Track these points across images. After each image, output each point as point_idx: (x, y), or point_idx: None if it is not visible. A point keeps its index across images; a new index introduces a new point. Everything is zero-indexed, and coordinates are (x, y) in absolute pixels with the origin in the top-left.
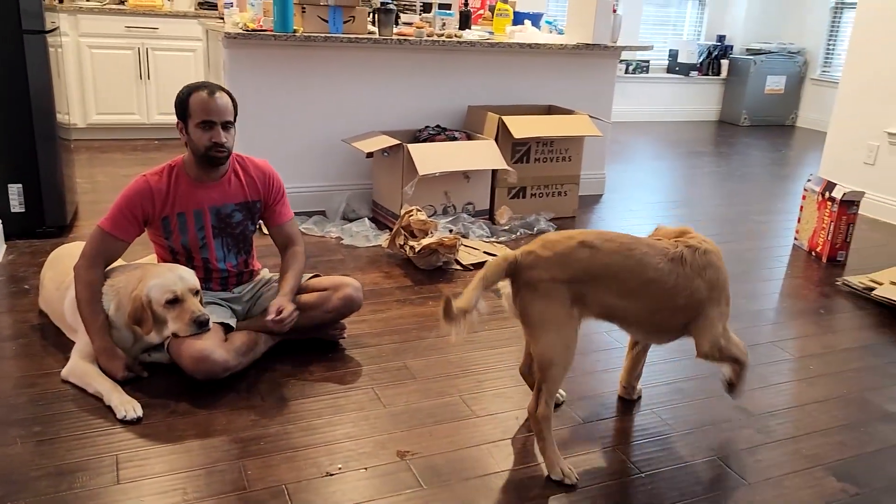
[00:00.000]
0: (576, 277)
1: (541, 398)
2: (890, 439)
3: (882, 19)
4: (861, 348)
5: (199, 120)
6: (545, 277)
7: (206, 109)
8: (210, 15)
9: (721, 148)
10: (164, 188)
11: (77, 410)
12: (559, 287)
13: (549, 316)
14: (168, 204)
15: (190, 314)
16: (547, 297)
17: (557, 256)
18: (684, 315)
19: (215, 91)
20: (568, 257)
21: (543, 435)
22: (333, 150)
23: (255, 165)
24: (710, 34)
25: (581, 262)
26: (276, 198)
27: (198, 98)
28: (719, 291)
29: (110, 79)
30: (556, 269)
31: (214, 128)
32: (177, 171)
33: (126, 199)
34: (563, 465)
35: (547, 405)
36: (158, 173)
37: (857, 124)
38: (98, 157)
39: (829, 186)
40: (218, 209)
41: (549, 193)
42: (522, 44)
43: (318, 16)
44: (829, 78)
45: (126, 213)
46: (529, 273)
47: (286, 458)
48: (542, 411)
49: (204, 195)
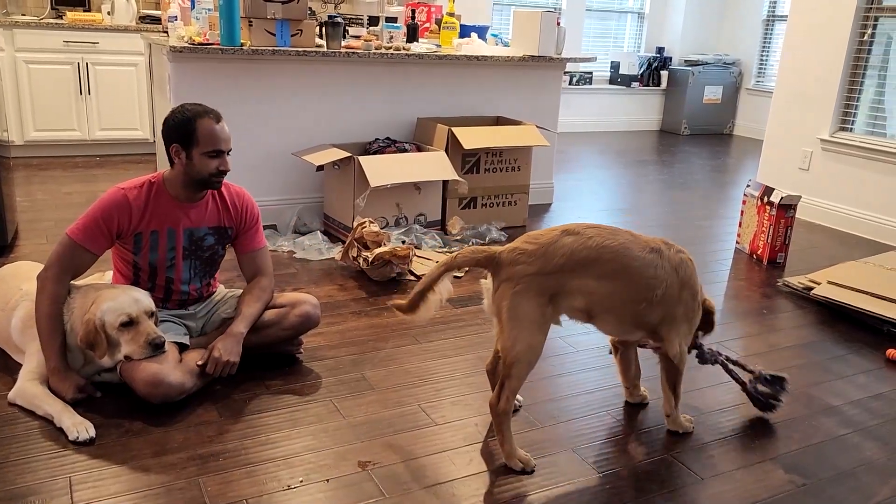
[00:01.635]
0: (560, 266)
1: (503, 394)
2: (833, 431)
3: (811, 31)
4: (802, 346)
5: (209, 149)
6: (530, 272)
7: (216, 139)
8: (153, 29)
9: (664, 156)
10: (142, 204)
11: (26, 433)
12: (540, 282)
13: (522, 314)
14: (144, 220)
15: (145, 337)
16: (524, 294)
17: (542, 248)
18: (660, 310)
19: (220, 118)
20: (553, 246)
21: (502, 429)
22: (283, 164)
23: (232, 191)
24: (649, 46)
25: (565, 248)
26: (250, 224)
27: (207, 126)
28: (689, 293)
29: (49, 94)
30: (541, 261)
31: (222, 156)
32: (157, 188)
33: (101, 210)
34: (519, 455)
35: (507, 401)
36: (137, 187)
37: (791, 132)
38: (37, 174)
39: (768, 191)
40: (192, 231)
41: (500, 203)
42: (470, 56)
43: (266, 29)
44: (762, 88)
45: (101, 224)
46: (512, 269)
47: (246, 473)
48: (502, 406)
49: (181, 215)
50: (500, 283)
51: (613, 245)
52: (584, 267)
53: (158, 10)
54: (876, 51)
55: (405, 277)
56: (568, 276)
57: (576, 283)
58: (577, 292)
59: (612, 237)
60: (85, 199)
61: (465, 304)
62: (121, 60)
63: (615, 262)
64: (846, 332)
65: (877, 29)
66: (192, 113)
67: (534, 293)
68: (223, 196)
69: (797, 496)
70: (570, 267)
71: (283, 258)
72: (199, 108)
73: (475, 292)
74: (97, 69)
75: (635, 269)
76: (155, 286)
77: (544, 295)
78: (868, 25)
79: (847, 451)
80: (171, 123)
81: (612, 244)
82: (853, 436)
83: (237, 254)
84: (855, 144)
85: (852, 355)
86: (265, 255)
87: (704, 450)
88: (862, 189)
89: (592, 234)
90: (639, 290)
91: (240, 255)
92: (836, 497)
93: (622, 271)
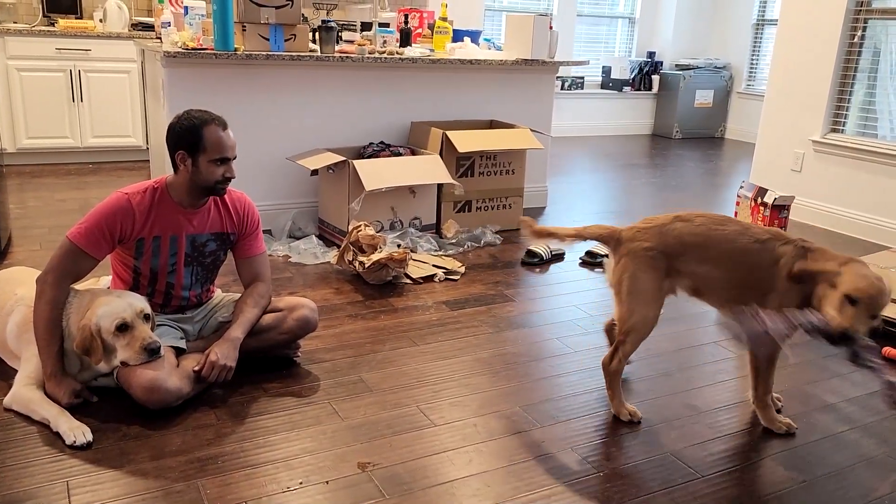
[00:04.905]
0: (671, 246)
1: (616, 356)
2: (831, 428)
3: (801, 34)
4: (798, 344)
5: (216, 156)
6: (645, 246)
7: (223, 146)
8: (146, 36)
9: (656, 160)
10: (145, 209)
11: (23, 438)
12: (657, 256)
13: (640, 287)
14: (147, 226)
15: (141, 341)
16: (644, 267)
17: (656, 228)
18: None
19: (226, 125)
20: (665, 227)
21: (612, 385)
22: (278, 169)
23: (234, 197)
24: (640, 51)
25: (675, 231)
26: (251, 229)
27: (213, 134)
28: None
29: (41, 102)
30: (655, 239)
31: (228, 163)
32: (160, 194)
33: (104, 215)
34: (628, 408)
35: (619, 362)
36: (141, 192)
37: (783, 134)
38: (30, 182)
39: (761, 192)
40: (194, 237)
41: (495, 206)
42: (463, 60)
43: (259, 34)
44: (753, 91)
45: (103, 229)
46: (631, 244)
47: (245, 476)
48: (614, 366)
49: (184, 221)
50: (621, 258)
51: (717, 234)
52: (691, 250)
53: (151, 17)
54: (865, 53)
55: (401, 280)
56: (678, 256)
57: (683, 264)
58: (684, 272)
59: (719, 226)
60: (78, 205)
61: (462, 307)
62: (113, 67)
63: (717, 249)
64: None
65: (866, 31)
66: (199, 120)
67: (651, 268)
68: (225, 202)
69: (797, 493)
70: (680, 249)
71: (278, 263)
72: (206, 115)
73: (471, 295)
74: (90, 76)
75: (738, 254)
76: (155, 291)
77: (659, 270)
78: (857, 27)
79: (845, 447)
80: (177, 130)
81: (716, 234)
82: (851, 432)
83: (236, 259)
84: (846, 146)
85: None
86: (264, 261)
87: (704, 448)
88: (854, 190)
89: (701, 221)
90: (739, 273)
91: (238, 261)
92: (836, 493)
93: (724, 257)
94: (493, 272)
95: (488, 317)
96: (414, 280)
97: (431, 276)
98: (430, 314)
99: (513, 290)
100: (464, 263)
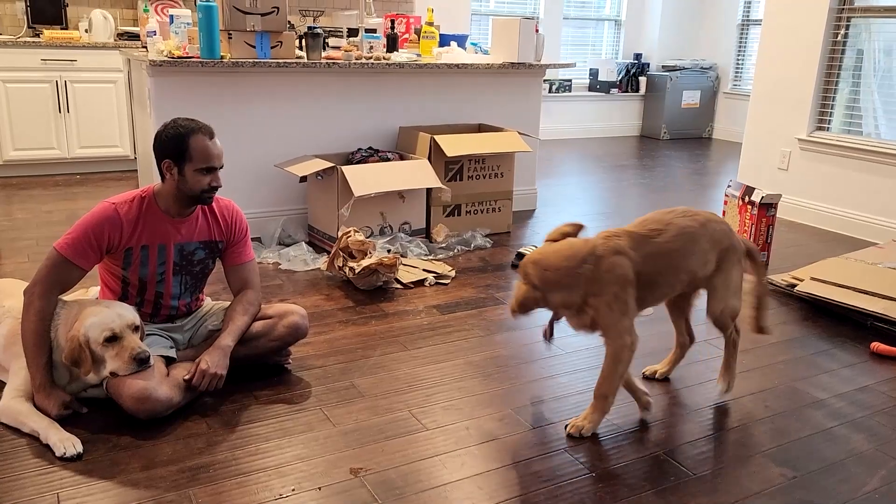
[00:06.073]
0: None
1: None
2: (821, 424)
3: (785, 34)
4: (788, 341)
5: (202, 165)
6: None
7: (209, 155)
8: (131, 45)
9: (644, 161)
10: (132, 219)
11: (12, 450)
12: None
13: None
14: (135, 235)
15: (130, 352)
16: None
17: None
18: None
19: (213, 134)
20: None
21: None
22: (266, 176)
23: (222, 205)
24: (627, 53)
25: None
26: (239, 237)
27: (200, 142)
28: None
29: (27, 113)
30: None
31: (214, 172)
32: (147, 203)
33: (91, 225)
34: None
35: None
36: (128, 202)
37: (770, 133)
38: (17, 193)
39: (749, 191)
40: (182, 246)
41: (484, 210)
42: (451, 64)
43: (245, 41)
44: (739, 91)
45: (90, 239)
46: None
47: (237, 484)
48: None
49: (172, 230)
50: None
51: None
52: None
53: (136, 27)
54: (849, 51)
55: (392, 285)
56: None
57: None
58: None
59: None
60: (65, 217)
61: (453, 311)
62: (99, 77)
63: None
64: (830, 327)
65: (849, 30)
66: (186, 129)
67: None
68: (213, 210)
69: (788, 489)
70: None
71: (268, 270)
72: (193, 124)
73: (461, 298)
74: (76, 87)
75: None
76: (143, 301)
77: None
78: (841, 26)
79: (835, 443)
80: (163, 139)
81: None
82: (841, 428)
83: (224, 267)
84: (832, 143)
85: (837, 349)
86: (253, 269)
87: (695, 446)
88: (840, 187)
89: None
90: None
91: (227, 269)
92: (827, 488)
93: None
94: (484, 275)
95: (479, 320)
96: (404, 285)
97: (422, 280)
98: (421, 318)
99: (503, 293)
100: (454, 267)
